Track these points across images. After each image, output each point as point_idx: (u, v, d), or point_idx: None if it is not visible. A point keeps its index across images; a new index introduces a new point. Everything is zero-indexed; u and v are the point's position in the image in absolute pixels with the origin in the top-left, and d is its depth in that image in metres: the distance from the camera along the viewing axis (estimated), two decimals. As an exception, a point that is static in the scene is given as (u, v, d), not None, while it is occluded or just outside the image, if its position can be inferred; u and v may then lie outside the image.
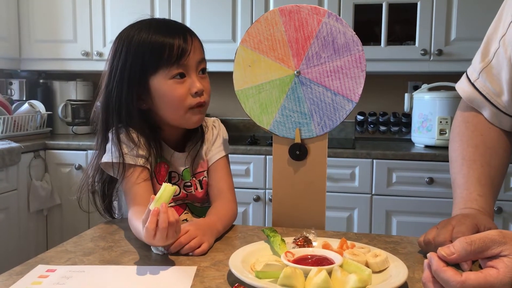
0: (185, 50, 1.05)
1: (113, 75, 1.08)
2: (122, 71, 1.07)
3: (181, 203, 1.16)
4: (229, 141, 1.25)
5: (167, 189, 0.87)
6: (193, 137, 1.18)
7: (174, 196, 1.13)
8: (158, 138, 1.13)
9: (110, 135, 1.10)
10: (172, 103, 1.07)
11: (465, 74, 1.08)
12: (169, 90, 1.06)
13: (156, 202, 0.85)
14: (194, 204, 1.18)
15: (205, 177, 1.19)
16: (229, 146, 1.25)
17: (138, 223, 0.94)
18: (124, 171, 1.07)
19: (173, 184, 1.13)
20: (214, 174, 1.18)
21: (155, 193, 1.06)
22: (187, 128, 1.15)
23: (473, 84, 1.04)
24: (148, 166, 1.09)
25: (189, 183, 1.16)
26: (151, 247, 0.93)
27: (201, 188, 1.18)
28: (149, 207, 0.85)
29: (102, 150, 1.11)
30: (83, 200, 1.16)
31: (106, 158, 1.08)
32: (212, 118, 1.26)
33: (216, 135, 1.21)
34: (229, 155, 1.24)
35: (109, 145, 1.09)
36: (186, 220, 1.14)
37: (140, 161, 1.08)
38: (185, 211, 1.16)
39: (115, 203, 1.19)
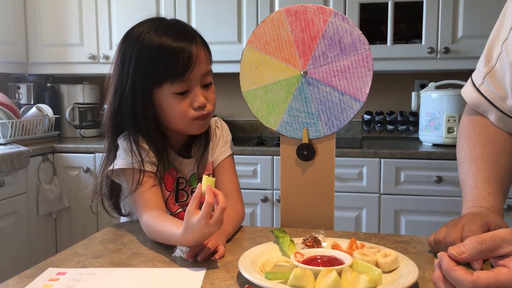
0: (189, 64, 1.03)
1: (124, 80, 1.06)
2: (134, 77, 1.05)
3: None
4: (236, 142, 1.24)
5: (208, 181, 0.88)
6: (198, 141, 1.18)
7: (181, 201, 1.13)
8: (166, 145, 1.12)
9: (120, 142, 1.09)
10: (175, 116, 1.07)
11: (470, 79, 1.07)
12: (171, 104, 1.05)
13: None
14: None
15: None
16: (236, 147, 1.24)
17: (162, 224, 0.95)
18: (134, 178, 1.06)
19: (181, 190, 1.14)
20: (220, 176, 1.17)
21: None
22: (191, 134, 1.14)
23: (477, 89, 1.03)
24: (158, 173, 1.09)
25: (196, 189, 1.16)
26: (177, 248, 0.92)
27: None
28: (195, 194, 0.86)
29: (111, 157, 1.10)
30: (93, 204, 1.16)
31: (117, 165, 1.07)
32: (214, 118, 1.24)
33: (219, 136, 1.21)
34: (237, 156, 1.24)
35: (119, 152, 1.08)
36: None
37: (150, 168, 1.07)
38: None
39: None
